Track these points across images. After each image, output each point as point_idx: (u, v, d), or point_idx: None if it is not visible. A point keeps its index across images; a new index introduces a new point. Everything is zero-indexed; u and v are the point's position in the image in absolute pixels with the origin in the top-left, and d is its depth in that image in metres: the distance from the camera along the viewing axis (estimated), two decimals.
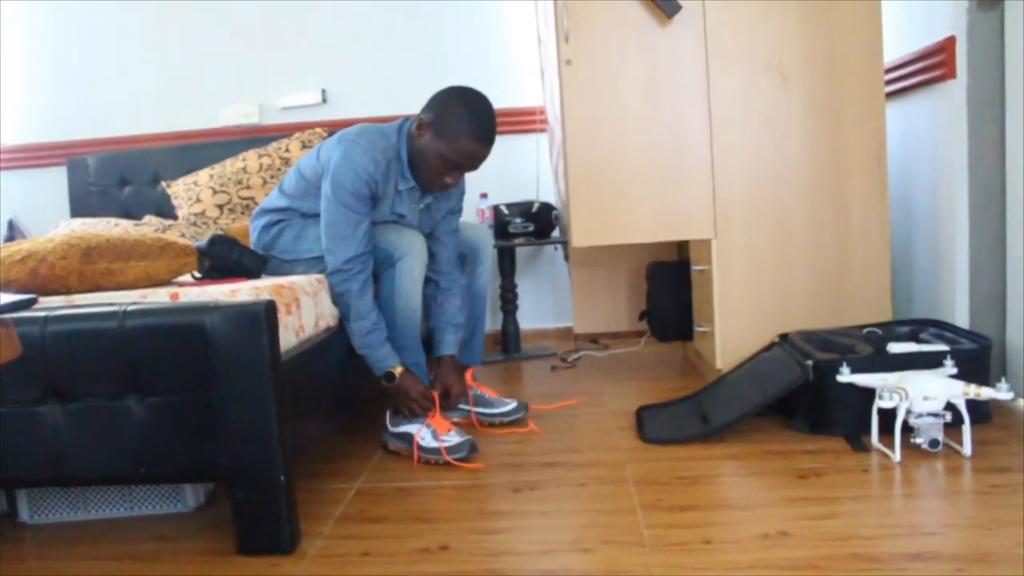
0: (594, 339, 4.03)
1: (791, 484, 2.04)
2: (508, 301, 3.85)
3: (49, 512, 2.06)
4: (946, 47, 2.66)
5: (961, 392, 2.15)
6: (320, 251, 2.43)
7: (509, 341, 3.85)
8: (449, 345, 2.64)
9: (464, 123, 2.36)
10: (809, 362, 2.40)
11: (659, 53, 2.76)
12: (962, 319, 2.73)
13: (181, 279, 2.34)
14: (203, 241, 2.31)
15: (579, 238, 2.83)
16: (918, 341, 2.58)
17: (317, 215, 2.46)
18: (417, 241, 2.42)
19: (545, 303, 4.19)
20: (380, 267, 2.41)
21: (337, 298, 2.36)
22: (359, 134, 2.41)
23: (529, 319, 4.08)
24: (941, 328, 2.65)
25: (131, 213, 3.91)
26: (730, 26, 2.74)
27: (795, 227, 2.80)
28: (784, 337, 2.75)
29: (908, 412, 2.17)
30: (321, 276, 2.37)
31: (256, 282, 2.07)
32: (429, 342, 2.66)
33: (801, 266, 2.81)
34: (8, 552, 1.92)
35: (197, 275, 2.33)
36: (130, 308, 1.75)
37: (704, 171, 2.78)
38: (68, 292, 2.03)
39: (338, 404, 2.35)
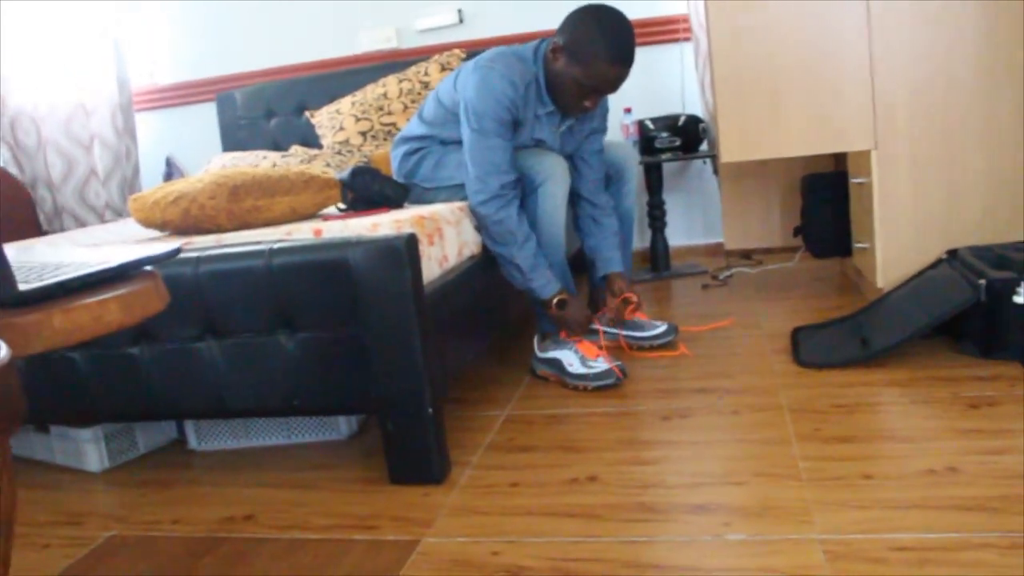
0: (746, 255, 3.89)
1: (960, 414, 1.91)
2: (656, 218, 3.75)
3: (215, 440, 2.16)
4: None
5: None
6: (461, 178, 2.40)
7: (658, 259, 3.76)
8: (615, 262, 2.61)
9: (598, 46, 2.27)
10: (982, 281, 2.23)
11: None
12: None
13: (326, 212, 2.37)
14: (345, 173, 2.33)
15: (728, 153, 2.70)
16: None
17: (457, 142, 2.43)
18: (559, 165, 2.36)
19: (694, 219, 4.06)
20: (522, 193, 2.37)
21: (494, 227, 2.30)
22: (495, 59, 2.35)
23: (678, 236, 3.97)
24: None
25: (278, 144, 4.00)
26: None
27: (966, 134, 2.57)
28: (953, 253, 2.57)
29: None
30: (463, 204, 2.35)
31: (398, 213, 2.07)
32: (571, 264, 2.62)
33: (973, 176, 2.59)
34: (182, 477, 2.04)
35: (341, 207, 2.36)
36: (276, 246, 1.77)
37: (862, 76, 2.58)
38: (219, 230, 2.09)
39: (484, 332, 2.35)
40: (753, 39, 2.63)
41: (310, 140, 3.90)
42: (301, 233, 1.89)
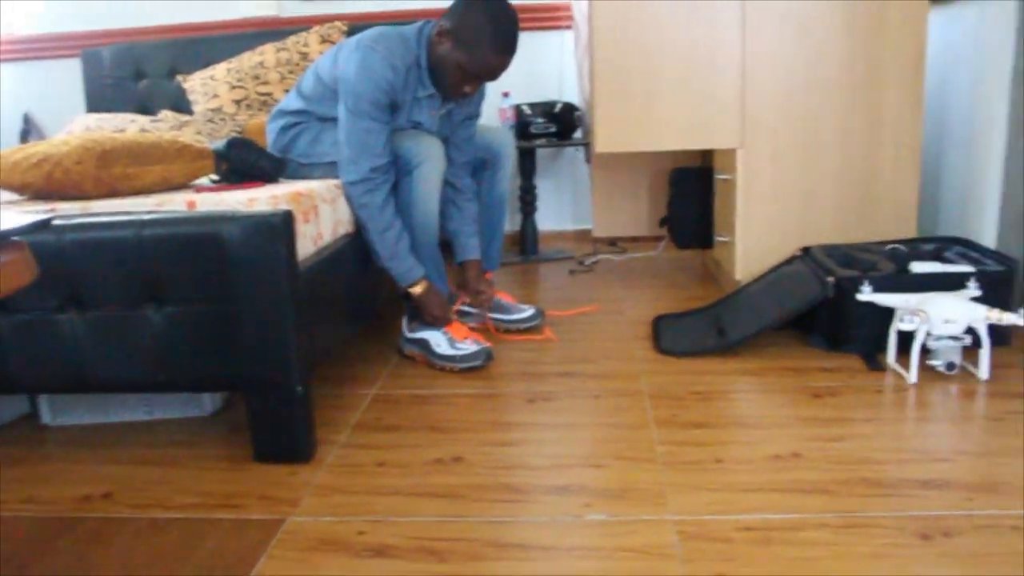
0: (612, 242, 4.00)
1: (805, 403, 2.04)
2: (527, 203, 3.81)
3: (70, 414, 2.10)
4: None
5: (983, 317, 2.12)
6: (337, 156, 2.39)
7: (527, 243, 3.83)
8: (473, 248, 2.64)
9: (485, 34, 2.28)
10: (830, 278, 2.38)
11: None
12: (989, 239, 2.68)
13: (198, 182, 2.32)
14: (220, 144, 2.28)
15: (603, 143, 2.77)
16: (942, 260, 2.55)
17: (334, 119, 2.41)
18: (435, 147, 2.37)
19: (564, 205, 4.15)
20: (398, 174, 2.37)
21: (359, 210, 2.32)
22: (377, 40, 2.34)
23: (548, 221, 4.06)
24: (967, 247, 2.61)
25: (147, 107, 3.86)
26: None
27: (824, 139, 2.73)
28: (806, 251, 2.72)
29: (927, 335, 2.16)
30: (339, 182, 2.34)
31: (274, 189, 2.05)
32: (443, 246, 2.64)
33: (828, 179, 2.76)
34: (32, 454, 1.96)
35: (214, 178, 2.31)
36: (147, 217, 1.73)
37: (734, 79, 2.70)
38: (85, 197, 2.02)
39: (356, 311, 2.35)
40: (633, 34, 2.71)
41: (181, 105, 3.78)
42: (174, 205, 1.86)
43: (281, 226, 1.69)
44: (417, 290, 2.39)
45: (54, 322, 1.78)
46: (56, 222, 1.75)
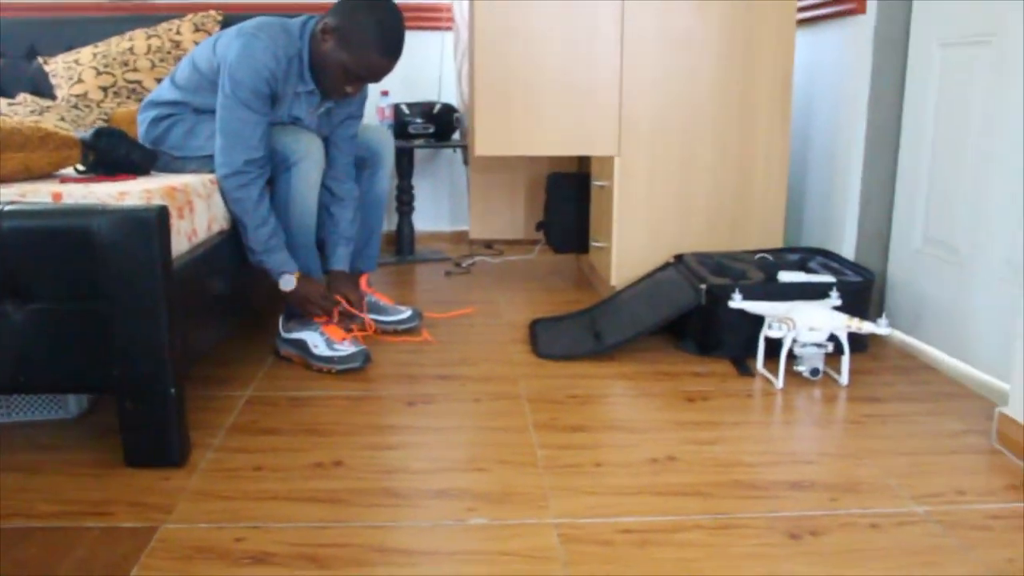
0: (488, 245, 4.02)
1: (679, 407, 2.10)
2: (404, 203, 3.79)
3: None
4: None
5: (844, 325, 2.23)
6: (213, 149, 2.32)
7: (403, 243, 3.81)
8: (340, 259, 2.58)
9: (371, 35, 2.25)
10: (703, 286, 2.45)
11: None
12: (848, 251, 2.81)
13: (63, 173, 2.20)
14: (88, 133, 2.17)
15: (482, 147, 2.78)
16: (807, 269, 2.67)
17: (211, 111, 2.33)
18: (315, 145, 2.33)
19: (441, 206, 4.14)
20: (275, 170, 2.31)
21: (233, 203, 2.24)
22: (260, 28, 2.28)
23: (424, 221, 4.03)
24: (828, 258, 2.74)
25: (3, 89, 3.64)
26: None
27: (699, 150, 2.81)
28: (679, 258, 2.79)
29: (794, 341, 2.25)
30: (214, 176, 2.26)
31: (146, 183, 1.97)
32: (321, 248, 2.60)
33: (701, 189, 2.84)
34: None
35: (80, 169, 2.20)
36: (7, 208, 1.64)
37: (613, 89, 2.75)
38: None
39: (231, 310, 2.29)
40: (516, 39, 2.72)
41: (42, 89, 3.58)
42: (38, 196, 1.76)
43: (155, 222, 1.63)
44: (292, 285, 2.33)
45: None
46: None
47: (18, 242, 1.62)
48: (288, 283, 2.32)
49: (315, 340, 2.33)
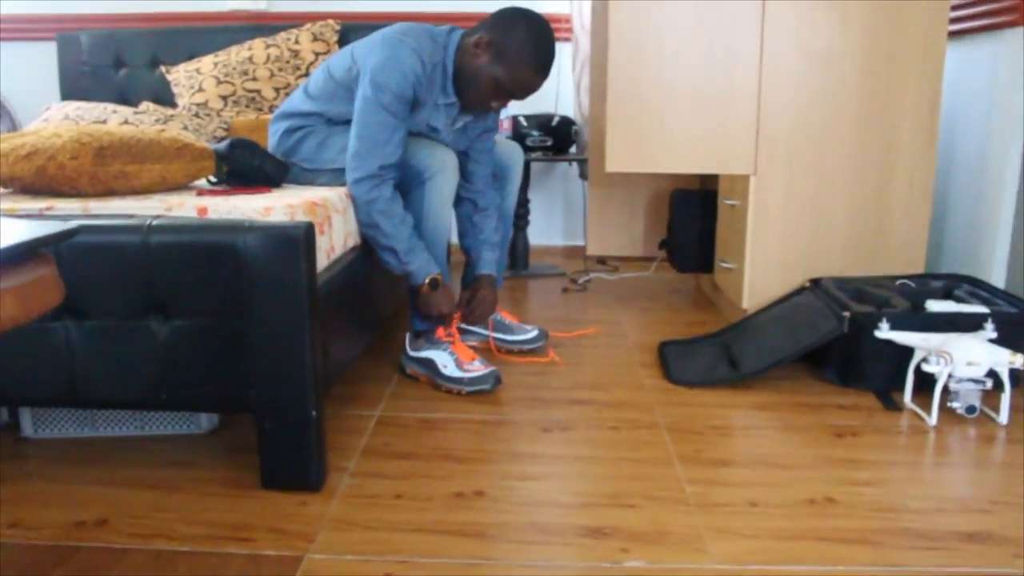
0: (602, 260, 3.93)
1: (828, 442, 1.98)
2: (520, 216, 3.72)
3: (54, 427, 1.95)
4: None
5: (1007, 360, 2.08)
6: (344, 162, 2.28)
7: (518, 257, 3.74)
8: (488, 263, 2.53)
9: (528, 52, 2.21)
10: (846, 313, 2.32)
11: None
12: (998, 279, 2.65)
13: (197, 184, 2.19)
14: (222, 144, 2.16)
15: (614, 163, 2.69)
16: (952, 298, 2.51)
17: (344, 122, 2.30)
18: (450, 159, 2.27)
19: (555, 220, 4.07)
20: (409, 184, 2.27)
21: (367, 205, 2.18)
22: (407, 32, 2.23)
23: (538, 235, 3.97)
24: (976, 286, 2.57)
25: (126, 98, 3.70)
26: None
27: (837, 170, 2.67)
28: (816, 282, 2.66)
29: (949, 376, 2.10)
30: (348, 190, 2.22)
31: (287, 197, 1.93)
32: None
33: (839, 210, 2.70)
34: (16, 471, 1.81)
35: (213, 180, 2.19)
36: (155, 223, 1.61)
37: (750, 105, 2.63)
38: (77, 194, 1.89)
39: (364, 328, 2.24)
40: (650, 54, 2.63)
41: (163, 98, 3.63)
42: (183, 210, 1.73)
43: (303, 239, 1.58)
44: (431, 286, 2.27)
45: (47, 330, 1.65)
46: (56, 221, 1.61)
47: (165, 257, 1.59)
48: (434, 284, 2.28)
49: (444, 360, 2.27)
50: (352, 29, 3.69)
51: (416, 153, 2.25)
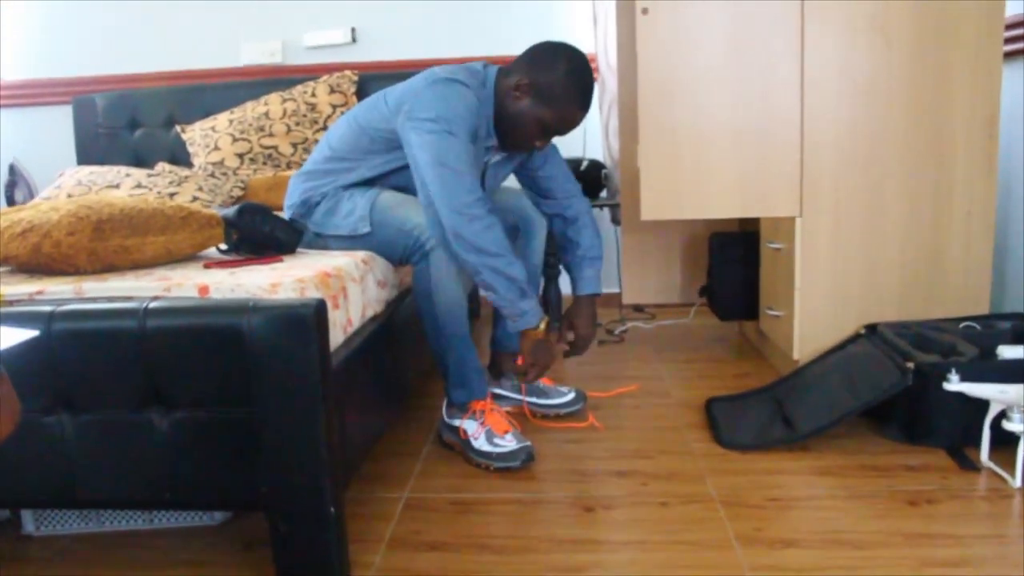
0: (638, 308, 3.75)
1: (902, 512, 1.79)
2: (551, 266, 3.52)
3: (57, 523, 1.80)
4: None
5: None
6: (349, 228, 2.15)
7: (551, 310, 3.54)
8: (590, 283, 2.46)
9: (573, 91, 2.13)
10: (910, 364, 2.13)
11: (748, 5, 2.42)
12: None
13: (205, 253, 2.05)
14: (231, 211, 2.02)
15: (649, 211, 2.52)
16: (1022, 339, 2.31)
17: (357, 184, 2.18)
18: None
19: None
20: (411, 257, 2.11)
21: (475, 238, 1.96)
22: (453, 73, 2.12)
23: (569, 284, 3.78)
24: None
25: (142, 159, 3.61)
26: None
27: (889, 206, 2.49)
28: (872, 328, 2.47)
29: None
30: (366, 255, 2.06)
31: (297, 268, 1.78)
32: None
33: (893, 250, 2.51)
34: (11, 572, 1.67)
35: (223, 247, 2.05)
36: (152, 305, 1.47)
37: (792, 141, 2.46)
38: (76, 272, 1.75)
39: (387, 404, 2.08)
40: (684, 93, 2.47)
41: (179, 158, 3.53)
42: (183, 290, 1.58)
43: (313, 318, 1.43)
44: (541, 330, 2.13)
45: (40, 426, 1.50)
46: (43, 307, 1.47)
47: (163, 343, 1.45)
48: (549, 327, 2.18)
49: (475, 431, 2.10)
50: (370, 79, 3.57)
51: (411, 216, 2.09)
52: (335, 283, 1.72)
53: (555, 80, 2.11)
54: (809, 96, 2.44)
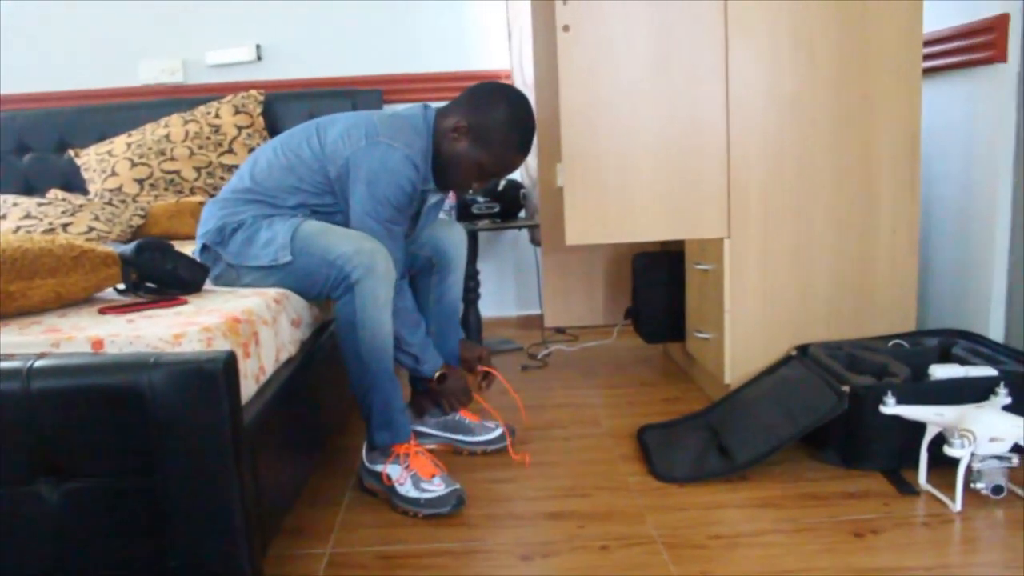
0: (560, 329, 3.66)
1: (848, 546, 1.74)
2: (470, 290, 3.44)
3: None
4: (996, 26, 2.34)
5: None
6: (271, 257, 2.00)
7: (471, 335, 3.44)
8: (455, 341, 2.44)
9: (512, 134, 2.09)
10: (845, 388, 2.09)
11: (672, 21, 2.35)
12: (996, 332, 2.44)
13: (101, 295, 1.88)
14: (129, 248, 1.86)
15: (575, 236, 2.43)
16: (952, 357, 2.30)
17: (275, 215, 2.05)
18: (379, 253, 1.97)
19: (507, 289, 3.80)
20: (335, 290, 1.98)
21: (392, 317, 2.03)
22: (393, 136, 2.04)
23: (490, 307, 3.68)
24: (973, 341, 2.37)
25: (32, 186, 3.38)
26: None
27: (817, 225, 2.45)
28: (803, 349, 2.43)
29: (972, 455, 1.88)
30: (278, 293, 1.91)
31: (205, 314, 1.62)
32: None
33: (822, 268, 2.47)
34: None
35: (121, 288, 1.88)
36: (37, 364, 1.31)
37: (720, 161, 2.40)
38: None
39: (307, 453, 1.94)
40: (607, 112, 2.38)
41: (73, 184, 3.32)
42: (74, 344, 1.42)
43: (222, 374, 1.30)
44: (444, 373, 2.27)
45: None
46: None
47: (52, 406, 1.29)
48: (441, 378, 2.26)
49: (400, 476, 1.97)
50: (277, 98, 3.42)
51: (336, 246, 1.97)
52: (245, 329, 1.58)
53: (494, 123, 2.07)
54: (735, 114, 2.39)
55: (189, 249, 2.10)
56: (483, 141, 2.07)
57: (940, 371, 2.14)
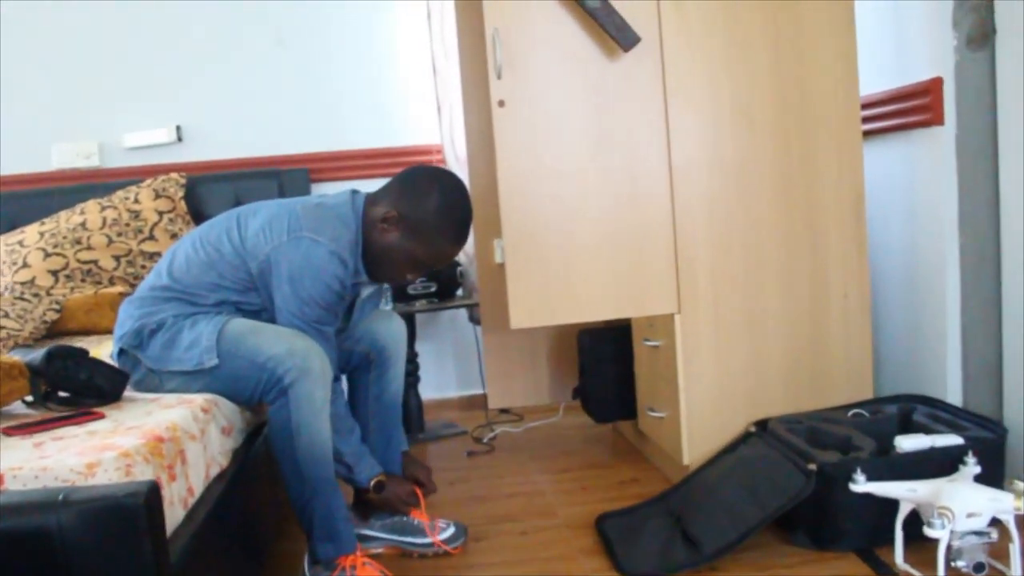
0: (504, 409, 3.53)
1: None
2: (409, 373, 3.29)
3: None
4: (931, 89, 2.32)
5: (1011, 507, 1.79)
6: (195, 362, 1.85)
7: (412, 420, 3.29)
8: (400, 442, 2.31)
9: (446, 224, 1.96)
10: (812, 466, 2.00)
11: (609, 94, 2.29)
12: (954, 394, 2.39)
13: (6, 410, 1.71)
14: (38, 356, 1.70)
15: (519, 319, 2.31)
16: (913, 424, 2.25)
17: (197, 313, 1.89)
18: (314, 352, 1.84)
19: (446, 370, 3.66)
20: (267, 394, 1.84)
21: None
22: (318, 230, 1.89)
23: (430, 389, 3.54)
24: (933, 407, 2.33)
25: None
26: (690, 63, 2.30)
27: (767, 294, 2.38)
28: (762, 425, 2.35)
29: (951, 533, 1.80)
30: (205, 401, 1.75)
31: (122, 434, 1.44)
32: None
33: (775, 339, 2.40)
34: None
35: (29, 400, 1.71)
36: None
37: (665, 233, 2.33)
38: None
39: (244, 573, 1.77)
40: (547, 188, 2.29)
41: None
42: None
43: (142, 509, 1.14)
44: (382, 485, 2.10)
45: None
46: None
47: None
48: (378, 487, 2.10)
49: None
50: (200, 181, 3.28)
51: (266, 347, 1.83)
52: (170, 449, 1.42)
53: (426, 213, 1.94)
54: (679, 185, 2.32)
55: (109, 343, 1.93)
56: (415, 232, 1.94)
57: (906, 443, 2.07)
